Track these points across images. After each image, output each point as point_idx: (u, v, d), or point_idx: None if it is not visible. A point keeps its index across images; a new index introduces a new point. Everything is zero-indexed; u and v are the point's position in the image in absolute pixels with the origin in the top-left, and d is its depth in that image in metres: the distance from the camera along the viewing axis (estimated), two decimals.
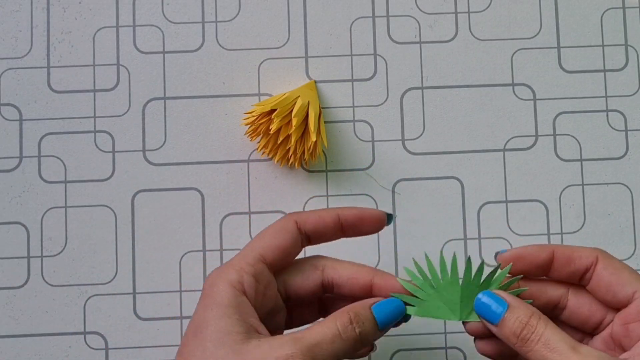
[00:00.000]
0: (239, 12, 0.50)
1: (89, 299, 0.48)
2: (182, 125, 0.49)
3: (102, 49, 0.49)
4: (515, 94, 0.50)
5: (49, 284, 0.48)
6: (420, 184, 0.49)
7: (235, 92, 0.49)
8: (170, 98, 0.49)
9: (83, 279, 0.48)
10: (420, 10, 0.50)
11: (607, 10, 0.50)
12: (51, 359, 0.47)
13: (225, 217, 0.48)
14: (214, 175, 0.49)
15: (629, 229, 0.49)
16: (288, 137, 0.46)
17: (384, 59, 0.50)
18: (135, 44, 0.49)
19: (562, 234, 0.49)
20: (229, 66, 0.49)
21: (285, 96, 0.46)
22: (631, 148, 0.49)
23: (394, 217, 0.40)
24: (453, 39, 0.50)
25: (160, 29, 0.50)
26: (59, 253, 0.48)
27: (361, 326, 0.35)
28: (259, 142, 0.48)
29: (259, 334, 0.34)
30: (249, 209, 0.49)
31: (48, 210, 0.48)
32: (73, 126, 0.49)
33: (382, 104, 0.49)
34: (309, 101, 0.46)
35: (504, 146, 0.49)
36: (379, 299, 0.37)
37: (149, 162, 0.49)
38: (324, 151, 0.49)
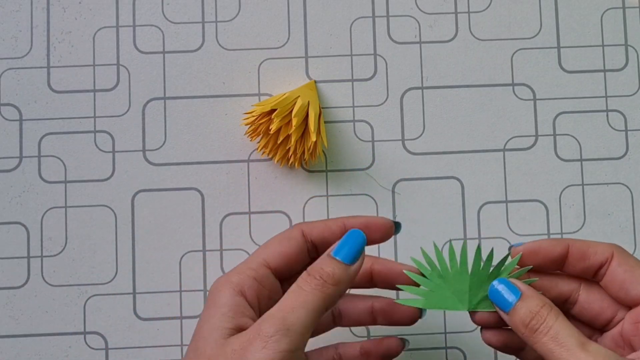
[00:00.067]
0: (239, 12, 0.50)
1: (89, 299, 0.48)
2: (182, 125, 0.49)
3: (102, 49, 0.49)
4: (515, 94, 0.50)
5: (49, 284, 0.48)
6: (420, 184, 0.49)
7: (235, 92, 0.49)
8: (170, 98, 0.49)
9: (83, 279, 0.48)
10: (420, 10, 0.50)
11: (607, 10, 0.50)
12: (51, 359, 0.47)
13: (225, 217, 0.48)
14: (214, 175, 0.49)
15: (629, 229, 0.49)
16: (288, 137, 0.46)
17: (384, 59, 0.50)
18: (135, 44, 0.49)
19: (562, 234, 0.49)
20: (229, 66, 0.49)
21: (285, 96, 0.46)
22: (631, 148, 0.49)
23: (401, 226, 0.39)
24: (453, 39, 0.50)
25: (160, 29, 0.50)
26: (59, 253, 0.48)
27: (321, 271, 0.34)
28: (259, 142, 0.47)
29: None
30: (249, 209, 0.49)
31: (48, 210, 0.48)
32: (73, 126, 0.49)
33: (382, 104, 0.49)
34: (309, 101, 0.46)
35: (504, 146, 0.49)
36: (336, 244, 0.36)
37: (149, 162, 0.49)
38: (324, 151, 0.49)
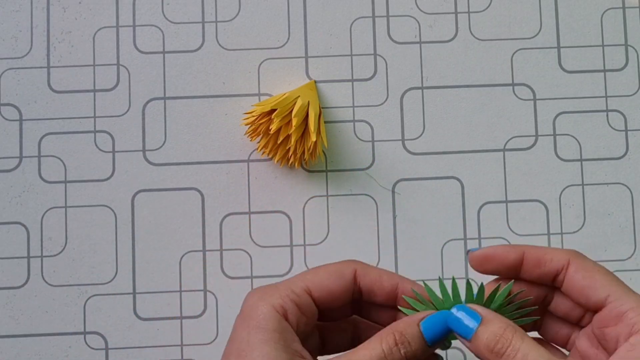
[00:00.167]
0: (239, 12, 0.50)
1: (89, 299, 0.48)
2: (182, 125, 0.49)
3: (102, 49, 0.49)
4: (515, 94, 0.50)
5: (49, 284, 0.48)
6: (420, 184, 0.49)
7: (235, 92, 0.49)
8: (170, 98, 0.49)
9: (83, 279, 0.48)
10: (420, 10, 0.50)
11: (607, 10, 0.50)
12: (51, 359, 0.47)
13: (225, 217, 0.48)
14: (214, 175, 0.49)
15: (629, 229, 0.49)
16: (288, 137, 0.46)
17: (384, 59, 0.50)
18: (135, 44, 0.49)
19: (562, 234, 0.49)
20: (229, 66, 0.49)
21: (285, 96, 0.46)
22: (631, 148, 0.49)
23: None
24: (453, 39, 0.50)
25: (160, 29, 0.50)
26: (59, 253, 0.48)
27: (407, 347, 0.34)
28: (259, 142, 0.47)
29: (303, 359, 0.34)
30: (249, 209, 0.49)
31: (48, 210, 0.48)
32: (73, 126, 0.49)
33: (382, 104, 0.49)
34: (309, 101, 0.46)
35: (504, 146, 0.49)
36: (428, 313, 0.35)
37: (149, 162, 0.49)
38: (324, 151, 0.49)
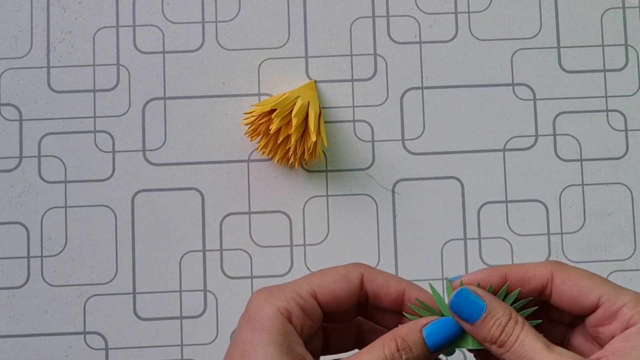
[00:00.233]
0: (239, 12, 0.50)
1: (89, 299, 0.48)
2: (182, 125, 0.49)
3: (102, 49, 0.49)
4: (515, 94, 0.50)
5: (49, 284, 0.48)
6: (420, 184, 0.49)
7: (235, 92, 0.49)
8: (170, 98, 0.49)
9: (83, 279, 0.48)
10: (420, 10, 0.50)
11: (607, 10, 0.50)
12: (51, 359, 0.47)
13: (225, 217, 0.48)
14: (214, 175, 0.49)
15: (629, 229, 0.49)
16: (288, 137, 0.46)
17: (384, 59, 0.50)
18: (135, 44, 0.49)
19: (562, 234, 0.49)
20: (229, 66, 0.49)
21: (285, 96, 0.46)
22: (631, 148, 0.49)
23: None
24: (453, 39, 0.50)
25: (160, 29, 0.50)
26: (59, 253, 0.48)
27: (409, 352, 0.34)
28: (259, 142, 0.47)
29: None
30: (249, 209, 0.49)
31: (48, 210, 0.48)
32: (73, 126, 0.49)
33: (382, 104, 0.49)
34: (309, 101, 0.46)
35: (504, 146, 0.49)
36: (432, 319, 0.35)
37: (149, 162, 0.49)
38: (324, 151, 0.49)
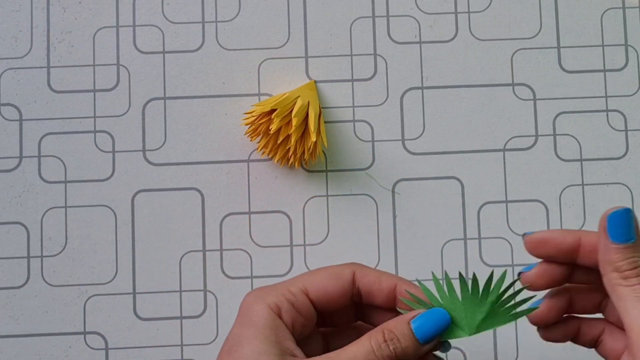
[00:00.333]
0: (239, 12, 0.50)
1: (89, 299, 0.48)
2: (182, 125, 0.49)
3: (102, 49, 0.49)
4: (515, 94, 0.50)
5: (49, 284, 0.48)
6: (420, 184, 0.49)
7: (235, 92, 0.49)
8: (170, 98, 0.49)
9: (83, 279, 0.48)
10: (420, 10, 0.50)
11: (607, 10, 0.50)
12: (51, 359, 0.47)
13: (225, 217, 0.48)
14: (214, 175, 0.49)
15: None
16: (288, 137, 0.46)
17: (384, 59, 0.50)
18: (135, 44, 0.49)
19: None
20: (229, 66, 0.49)
21: (285, 96, 0.46)
22: (631, 148, 0.49)
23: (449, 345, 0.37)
24: (453, 39, 0.50)
25: (160, 29, 0.50)
26: (59, 253, 0.48)
27: (396, 343, 0.34)
28: (259, 142, 0.47)
29: (294, 357, 0.34)
30: (249, 209, 0.49)
31: (48, 210, 0.48)
32: (73, 126, 0.49)
33: (382, 104, 0.49)
34: (309, 101, 0.46)
35: (504, 146, 0.49)
36: (420, 311, 0.35)
37: (149, 162, 0.49)
38: (324, 151, 0.49)
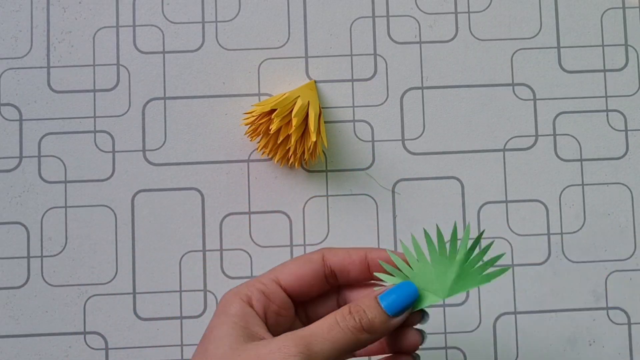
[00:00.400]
0: (239, 12, 0.50)
1: (89, 299, 0.48)
2: (182, 125, 0.49)
3: (102, 49, 0.49)
4: (515, 94, 0.50)
5: (49, 284, 0.48)
6: (420, 184, 0.49)
7: (235, 92, 0.49)
8: (170, 98, 0.49)
9: (83, 279, 0.48)
10: (420, 10, 0.50)
11: (607, 10, 0.50)
12: (51, 359, 0.47)
13: (225, 217, 0.48)
14: (214, 175, 0.49)
15: (629, 229, 0.49)
16: (288, 137, 0.46)
17: (384, 59, 0.50)
18: (135, 44, 0.49)
19: (562, 234, 0.49)
20: (229, 66, 0.49)
21: (285, 96, 0.46)
22: (631, 148, 0.49)
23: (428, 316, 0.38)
24: (453, 39, 0.50)
25: (160, 29, 0.50)
26: (59, 253, 0.48)
27: (361, 314, 0.34)
28: (259, 142, 0.47)
29: (261, 339, 0.34)
30: (249, 209, 0.49)
31: (48, 210, 0.48)
32: (73, 126, 0.49)
33: (382, 104, 0.49)
34: (309, 101, 0.46)
35: (504, 146, 0.49)
36: (387, 287, 0.36)
37: (149, 162, 0.49)
38: (324, 151, 0.49)
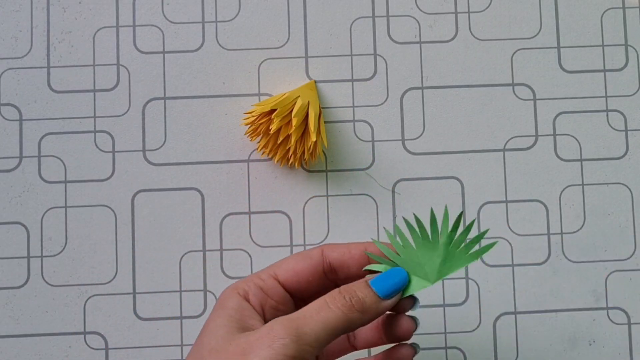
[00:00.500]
0: (239, 12, 0.50)
1: (89, 299, 0.48)
2: (182, 125, 0.49)
3: (102, 49, 0.49)
4: (515, 94, 0.50)
5: (49, 284, 0.48)
6: (420, 184, 0.49)
7: (235, 92, 0.49)
8: (170, 98, 0.49)
9: (83, 279, 0.48)
10: (420, 10, 0.50)
11: (607, 10, 0.50)
12: (51, 359, 0.47)
13: (225, 217, 0.48)
14: (214, 175, 0.49)
15: (629, 229, 0.49)
16: (288, 137, 0.46)
17: (384, 59, 0.50)
18: (135, 44, 0.49)
19: (562, 234, 0.49)
20: (229, 66, 0.49)
21: (285, 96, 0.46)
22: (631, 148, 0.49)
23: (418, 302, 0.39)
24: (453, 39, 0.50)
25: (160, 29, 0.50)
26: (59, 253, 0.48)
27: (352, 293, 0.35)
28: (259, 142, 0.47)
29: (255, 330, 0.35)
30: (249, 209, 0.49)
31: (48, 210, 0.48)
32: (73, 126, 0.49)
33: (382, 104, 0.49)
34: (309, 101, 0.46)
35: (504, 146, 0.49)
36: (377, 274, 0.36)
37: (149, 162, 0.49)
38: (324, 151, 0.49)
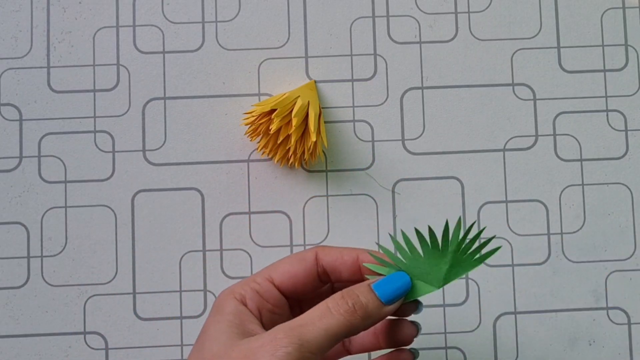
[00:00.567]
0: (239, 12, 0.50)
1: (89, 299, 0.48)
2: (182, 125, 0.49)
3: (102, 49, 0.49)
4: (515, 94, 0.50)
5: (49, 284, 0.48)
6: (420, 184, 0.49)
7: (235, 92, 0.49)
8: (170, 98, 0.49)
9: (83, 279, 0.48)
10: (420, 10, 0.50)
11: (607, 10, 0.50)
12: (51, 359, 0.47)
13: (225, 217, 0.48)
14: (214, 175, 0.49)
15: (629, 229, 0.49)
16: (288, 137, 0.46)
17: (384, 59, 0.50)
18: (135, 44, 0.49)
19: (562, 234, 0.49)
20: (229, 66, 0.49)
21: (285, 96, 0.46)
22: (631, 148, 0.49)
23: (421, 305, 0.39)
24: (453, 39, 0.50)
25: (160, 29, 0.50)
26: (59, 253, 0.48)
27: (355, 299, 0.34)
28: (259, 142, 0.47)
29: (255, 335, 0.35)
30: (249, 209, 0.49)
31: (48, 210, 0.48)
32: (73, 126, 0.49)
33: (382, 104, 0.49)
34: (309, 101, 0.46)
35: (504, 146, 0.49)
36: (380, 277, 0.36)
37: (149, 162, 0.49)
38: (324, 151, 0.49)
